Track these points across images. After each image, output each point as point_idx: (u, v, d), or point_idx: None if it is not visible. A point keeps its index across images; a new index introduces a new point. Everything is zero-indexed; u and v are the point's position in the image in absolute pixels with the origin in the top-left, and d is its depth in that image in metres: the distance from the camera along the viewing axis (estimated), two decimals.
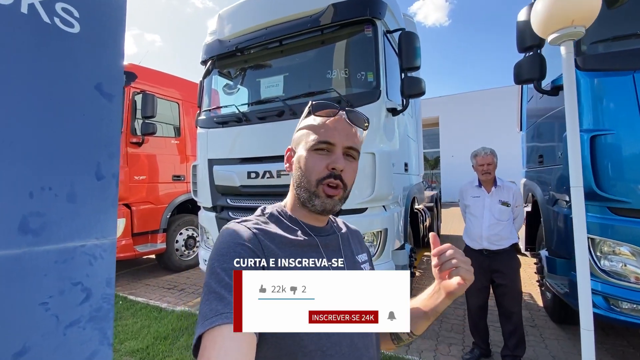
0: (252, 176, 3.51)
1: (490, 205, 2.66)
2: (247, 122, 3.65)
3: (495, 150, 2.77)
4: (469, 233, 2.79)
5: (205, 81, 4.26)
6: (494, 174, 2.67)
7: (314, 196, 0.75)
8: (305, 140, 0.78)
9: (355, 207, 3.06)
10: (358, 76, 3.25)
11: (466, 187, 2.92)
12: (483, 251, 2.66)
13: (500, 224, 2.61)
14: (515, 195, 2.64)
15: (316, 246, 0.75)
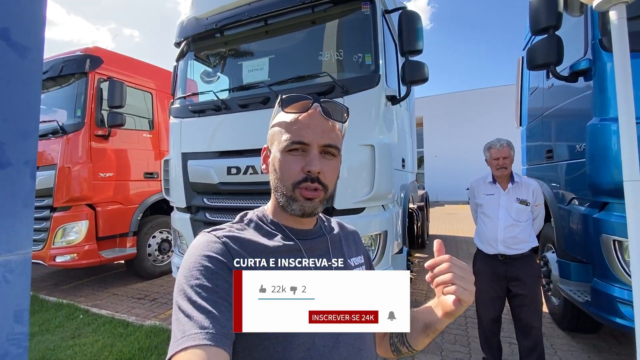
0: (233, 172, 3.08)
1: (507, 204, 2.32)
2: (227, 111, 3.21)
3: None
4: (482, 235, 2.47)
5: (179, 65, 3.78)
6: (511, 168, 2.34)
7: (292, 200, 0.70)
8: (278, 140, 0.72)
9: (352, 207, 2.68)
10: (354, 58, 2.88)
11: (478, 184, 2.55)
12: (498, 256, 2.34)
13: (518, 226, 2.28)
14: (536, 192, 2.31)
15: (298, 251, 0.71)
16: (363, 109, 2.74)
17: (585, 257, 2.59)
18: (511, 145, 2.33)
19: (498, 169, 2.33)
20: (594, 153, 2.28)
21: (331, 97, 2.75)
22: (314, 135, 0.69)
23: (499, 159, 2.31)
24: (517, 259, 2.29)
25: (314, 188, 0.69)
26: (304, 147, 0.69)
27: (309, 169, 0.68)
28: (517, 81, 4.47)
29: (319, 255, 0.73)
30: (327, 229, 0.83)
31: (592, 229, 2.36)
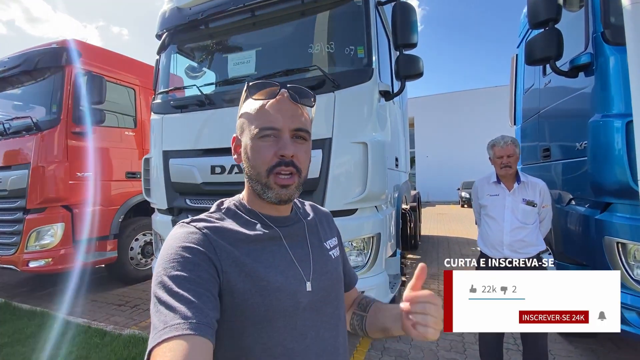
0: (217, 171, 2.89)
1: (513, 205, 2.17)
2: (211, 106, 3.02)
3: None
4: (486, 239, 2.33)
5: (161, 58, 3.58)
6: (516, 167, 2.19)
7: (266, 188, 0.70)
8: (248, 128, 0.71)
9: (343, 208, 2.53)
10: (346, 51, 2.73)
11: (482, 184, 2.39)
12: (505, 260, 2.20)
13: (525, 228, 2.13)
14: (543, 193, 2.16)
15: (278, 238, 0.72)
16: (355, 105, 2.59)
17: (585, 260, 2.50)
18: (516, 143, 2.20)
19: (502, 168, 2.19)
20: (596, 151, 2.18)
21: (322, 92, 2.60)
22: (284, 120, 0.69)
23: (503, 157, 2.17)
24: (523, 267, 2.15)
25: (288, 172, 0.69)
26: (275, 132, 0.69)
27: (282, 153, 0.68)
28: (511, 79, 4.40)
29: (297, 241, 0.74)
30: (303, 214, 0.82)
31: (593, 231, 2.27)
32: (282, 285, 0.66)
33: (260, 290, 0.63)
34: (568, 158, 2.67)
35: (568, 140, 2.70)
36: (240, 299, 0.62)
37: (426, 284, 4.14)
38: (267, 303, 0.64)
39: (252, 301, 0.63)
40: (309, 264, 0.73)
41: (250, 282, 0.63)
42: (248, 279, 0.64)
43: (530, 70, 3.61)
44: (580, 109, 2.47)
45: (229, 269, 0.63)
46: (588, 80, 2.33)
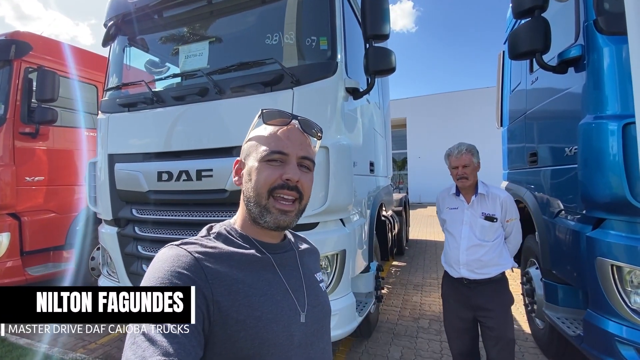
0: (164, 178, 2.55)
1: (471, 220, 1.93)
2: (159, 104, 2.67)
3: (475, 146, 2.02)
4: (446, 256, 2.09)
5: (111, 51, 3.22)
6: (475, 178, 1.94)
7: (265, 211, 0.69)
8: (256, 151, 0.72)
9: (302, 221, 2.20)
10: (307, 42, 2.40)
11: (443, 196, 2.17)
12: (463, 280, 1.96)
13: (482, 247, 1.89)
14: (504, 205, 1.92)
15: (272, 266, 0.70)
16: (317, 103, 2.27)
17: (574, 282, 2.21)
18: (473, 151, 1.93)
19: (458, 179, 1.94)
20: (587, 158, 1.89)
21: (279, 89, 2.28)
22: (293, 147, 0.71)
23: (458, 168, 1.92)
24: (483, 284, 1.91)
25: (291, 198, 0.69)
26: (283, 157, 0.70)
27: (288, 177, 0.68)
28: (498, 78, 4.12)
29: (290, 270, 0.73)
30: (294, 243, 0.82)
31: (584, 250, 1.97)
32: (277, 317, 0.63)
33: (255, 322, 0.60)
34: (556, 164, 2.38)
35: (556, 144, 2.41)
36: (233, 331, 0.58)
37: (408, 295, 3.80)
38: (262, 336, 0.60)
39: (245, 333, 0.59)
40: (303, 294, 0.71)
41: (245, 313, 0.60)
42: (242, 308, 0.60)
43: (517, 67, 3.33)
44: (570, 110, 2.19)
45: (222, 297, 0.59)
46: (579, 77, 2.04)
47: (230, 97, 2.40)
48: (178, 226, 2.60)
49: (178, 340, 0.51)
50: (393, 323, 3.61)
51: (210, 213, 2.46)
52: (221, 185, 2.34)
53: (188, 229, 2.55)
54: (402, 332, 3.39)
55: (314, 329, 0.70)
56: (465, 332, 2.01)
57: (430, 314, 3.81)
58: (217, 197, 2.38)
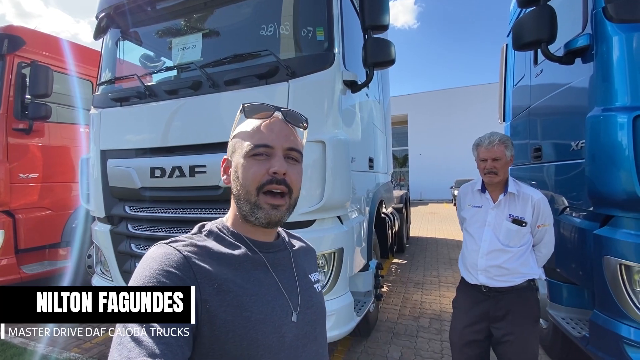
0: (157, 174, 2.48)
1: (495, 222, 1.72)
2: (151, 99, 2.60)
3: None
4: (464, 259, 1.87)
5: (103, 44, 3.14)
6: (505, 174, 1.72)
7: (256, 208, 0.66)
8: (241, 147, 0.70)
9: (298, 219, 2.13)
10: (303, 33, 2.32)
11: (465, 191, 1.93)
12: (482, 287, 1.78)
13: (505, 252, 1.68)
14: (537, 208, 1.68)
15: (264, 265, 0.68)
16: (313, 96, 2.19)
17: (580, 281, 2.13)
18: (507, 143, 1.71)
19: (486, 174, 1.72)
20: (595, 153, 1.80)
21: (275, 81, 2.20)
22: (278, 139, 0.69)
23: (487, 161, 1.69)
24: (504, 293, 1.71)
25: (280, 192, 0.67)
26: (268, 150, 0.68)
27: (274, 170, 0.66)
28: (500, 72, 4.02)
29: (283, 270, 0.71)
30: (289, 243, 0.80)
31: (591, 248, 1.90)
32: (267, 317, 0.62)
33: (244, 322, 0.59)
34: (562, 160, 2.30)
35: (562, 138, 2.32)
36: (221, 331, 0.57)
37: (408, 293, 3.72)
38: (251, 337, 0.58)
39: (233, 334, 0.57)
40: (297, 294, 0.70)
41: (233, 313, 0.58)
42: (231, 308, 0.59)
43: (521, 60, 3.23)
44: (577, 102, 2.10)
45: (210, 297, 0.58)
46: (586, 68, 1.95)
47: (224, 91, 2.33)
48: (172, 224, 2.54)
49: (165, 341, 0.50)
50: (393, 322, 3.55)
51: (204, 210, 2.39)
52: (215, 181, 2.27)
53: (182, 227, 2.48)
54: (401, 332, 3.33)
55: (306, 331, 0.69)
56: (475, 346, 1.77)
57: (430, 313, 3.75)
58: (211, 194, 2.32)
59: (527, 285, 1.73)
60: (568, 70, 2.11)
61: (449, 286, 4.65)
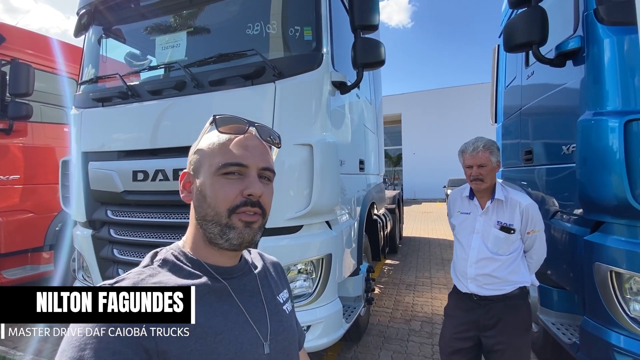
0: (139, 177, 2.39)
1: (483, 229, 1.68)
2: (135, 99, 2.51)
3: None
4: (455, 266, 1.84)
5: (85, 42, 3.03)
6: (492, 180, 1.67)
7: (228, 228, 0.60)
8: (210, 163, 0.62)
9: (285, 224, 2.07)
10: (290, 32, 2.25)
11: (454, 197, 1.89)
12: (472, 296, 1.73)
13: (494, 261, 1.64)
14: (526, 214, 1.64)
15: (228, 294, 0.62)
16: (300, 97, 2.13)
17: (570, 286, 2.11)
18: (492, 148, 1.65)
19: (472, 181, 1.68)
20: (586, 157, 1.77)
21: (261, 82, 2.13)
22: (253, 158, 0.63)
23: (473, 168, 1.65)
24: (495, 301, 1.66)
25: (253, 212, 0.61)
26: (242, 169, 0.62)
27: (249, 192, 0.60)
28: (492, 73, 4.00)
29: (250, 296, 0.66)
30: (252, 264, 0.73)
31: (581, 254, 1.87)
32: (237, 356, 0.57)
33: None
34: (552, 163, 2.27)
35: (553, 142, 2.30)
36: None
37: (400, 295, 3.68)
38: None
39: None
40: (266, 323, 0.65)
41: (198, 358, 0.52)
42: (195, 354, 0.52)
43: (513, 61, 3.21)
44: (568, 105, 2.07)
45: (168, 346, 0.51)
46: (577, 70, 1.92)
47: (209, 91, 2.25)
48: (155, 229, 2.46)
49: None
50: (384, 325, 3.51)
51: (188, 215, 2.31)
52: None
53: (165, 232, 2.41)
54: (393, 335, 3.29)
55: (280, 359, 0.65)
56: (463, 354, 1.72)
57: (422, 316, 3.72)
58: None
59: (518, 292, 1.68)
60: (559, 72, 2.08)
61: (440, 288, 4.64)
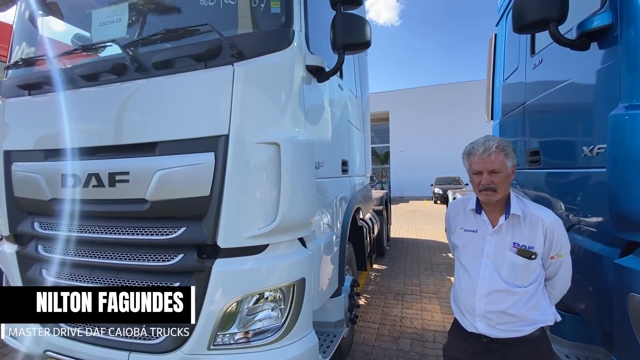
0: (69, 183, 1.93)
1: (495, 253, 1.32)
2: (66, 86, 2.04)
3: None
4: (456, 297, 1.47)
5: (15, 20, 2.52)
6: (506, 190, 1.32)
7: None
8: None
9: (245, 244, 1.65)
10: (254, 3, 1.82)
11: (456, 210, 1.53)
12: (482, 337, 1.36)
13: (511, 294, 1.28)
14: (550, 234, 1.28)
15: None
16: (265, 84, 1.71)
17: (588, 315, 1.77)
18: (507, 150, 1.29)
19: (481, 191, 1.31)
20: (619, 159, 1.43)
21: (216, 64, 1.71)
22: None
23: (482, 174, 1.28)
24: (511, 345, 1.31)
25: None
26: None
27: None
28: (488, 65, 3.67)
29: None
30: None
31: (608, 280, 1.53)
32: None
33: None
34: (569, 167, 1.92)
35: (569, 142, 1.95)
36: None
37: (387, 307, 3.25)
38: None
39: None
40: None
41: None
42: None
43: (514, 50, 2.86)
44: (591, 98, 1.72)
45: None
46: (606, 54, 1.57)
47: (154, 76, 1.81)
48: (90, 245, 2.00)
49: None
50: (370, 345, 3.14)
51: (128, 230, 1.86)
52: (140, 193, 1.75)
53: (103, 249, 1.95)
54: (379, 358, 2.93)
55: None
56: None
57: (411, 332, 3.37)
58: (135, 209, 1.80)
59: (539, 334, 1.33)
60: (579, 58, 1.72)
61: (430, 297, 4.31)
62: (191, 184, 1.68)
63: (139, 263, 1.82)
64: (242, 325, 1.70)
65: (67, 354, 1.96)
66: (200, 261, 1.70)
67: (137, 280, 1.82)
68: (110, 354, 1.81)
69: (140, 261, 1.81)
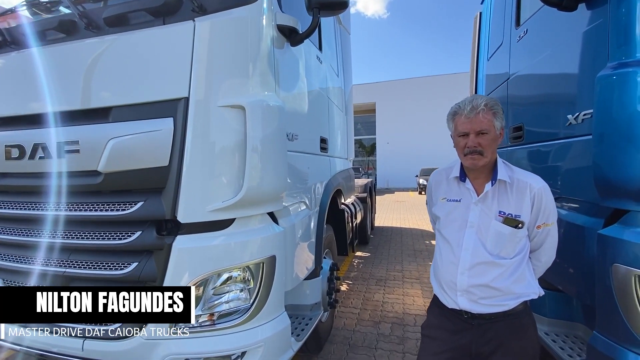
0: (14, 155, 1.73)
1: (480, 222, 1.23)
2: (10, 47, 1.82)
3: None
4: (436, 272, 1.37)
5: None
6: (494, 155, 1.22)
7: None
8: None
9: (209, 218, 1.51)
10: None
11: (438, 179, 1.41)
12: (462, 313, 1.28)
13: (496, 266, 1.19)
14: (538, 201, 1.20)
15: None
16: (229, 42, 1.54)
17: (570, 289, 1.72)
18: (495, 109, 1.19)
19: (467, 155, 1.20)
20: (606, 124, 1.35)
21: (176, 19, 1.54)
22: None
23: (469, 136, 1.18)
24: (493, 320, 1.22)
25: None
26: None
27: None
28: (473, 43, 3.58)
29: None
30: None
31: (592, 252, 1.47)
32: None
33: None
34: (552, 139, 1.85)
35: (553, 113, 1.88)
36: None
37: (369, 292, 3.14)
38: None
39: None
40: None
41: None
42: None
43: (499, 25, 2.77)
44: (577, 63, 1.64)
45: None
46: (593, 14, 1.48)
47: (106, 34, 1.62)
48: (39, 224, 1.81)
49: None
50: (350, 330, 3.07)
51: (81, 206, 1.69)
52: (92, 165, 1.58)
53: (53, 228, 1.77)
54: (359, 342, 2.85)
55: None
56: None
57: (392, 316, 3.32)
58: (87, 182, 1.62)
59: (522, 308, 1.24)
60: (565, 21, 1.63)
61: (413, 282, 4.28)
62: (148, 154, 1.52)
63: (93, 242, 1.65)
64: (206, 307, 1.56)
65: (18, 342, 1.79)
66: (159, 238, 1.54)
67: (91, 261, 1.66)
68: (65, 342, 1.66)
69: (95, 240, 1.65)
